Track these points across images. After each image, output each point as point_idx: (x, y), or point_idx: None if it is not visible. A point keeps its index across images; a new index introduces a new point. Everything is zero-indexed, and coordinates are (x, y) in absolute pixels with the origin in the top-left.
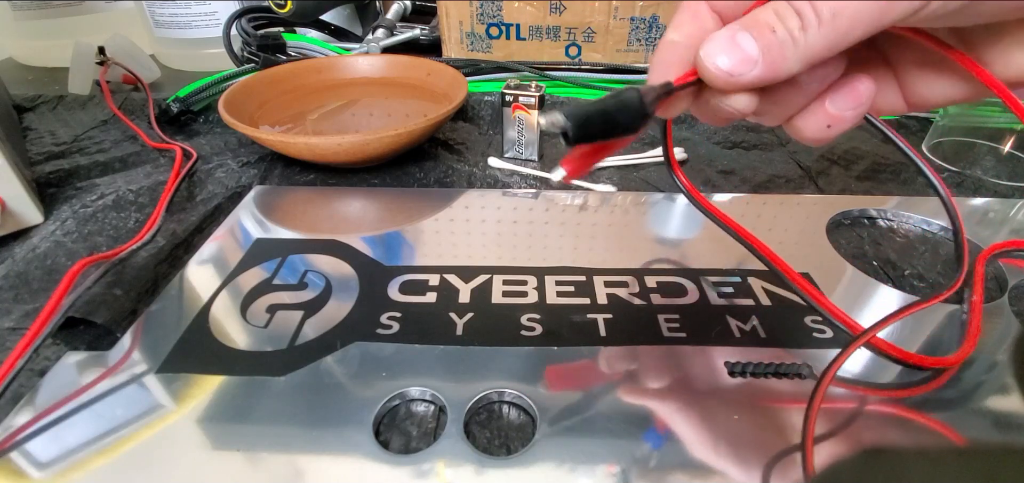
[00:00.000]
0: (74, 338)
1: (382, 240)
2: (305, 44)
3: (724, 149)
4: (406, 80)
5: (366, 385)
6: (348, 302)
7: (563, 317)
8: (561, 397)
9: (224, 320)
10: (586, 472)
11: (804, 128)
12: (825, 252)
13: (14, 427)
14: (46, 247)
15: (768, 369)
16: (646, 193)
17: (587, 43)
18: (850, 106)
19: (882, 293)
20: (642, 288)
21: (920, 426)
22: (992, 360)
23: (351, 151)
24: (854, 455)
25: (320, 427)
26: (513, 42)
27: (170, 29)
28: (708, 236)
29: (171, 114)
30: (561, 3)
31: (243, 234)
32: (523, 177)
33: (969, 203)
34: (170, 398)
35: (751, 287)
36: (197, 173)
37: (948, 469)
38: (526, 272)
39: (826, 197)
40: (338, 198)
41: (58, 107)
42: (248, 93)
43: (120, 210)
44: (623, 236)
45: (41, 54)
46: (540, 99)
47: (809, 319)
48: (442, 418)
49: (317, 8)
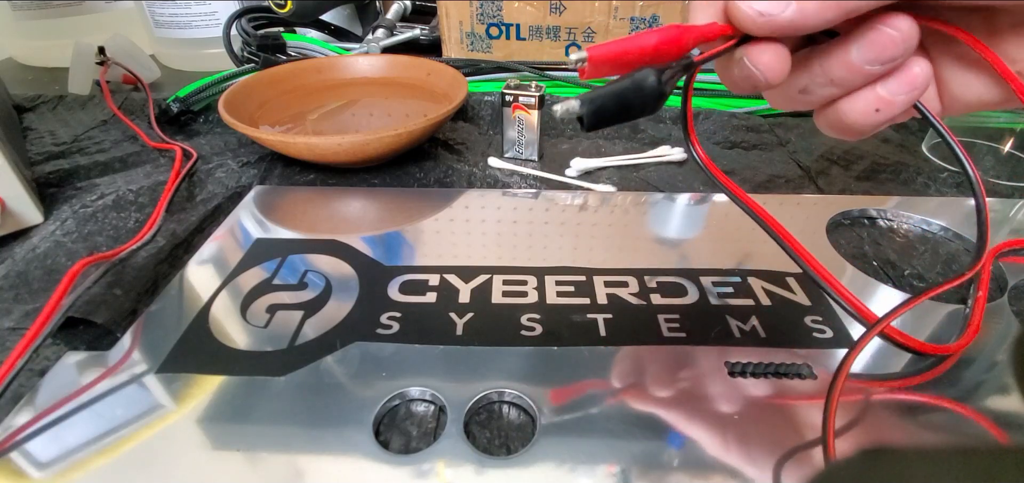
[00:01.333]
0: (74, 338)
1: (382, 240)
2: (305, 44)
3: (724, 149)
4: (406, 80)
5: (366, 385)
6: (348, 302)
7: (563, 317)
8: (562, 397)
9: (224, 320)
10: (586, 472)
11: (849, 112)
12: (825, 252)
13: (14, 427)
14: (46, 247)
15: (768, 369)
16: (646, 193)
17: (587, 43)
18: (904, 90)
19: (882, 293)
20: (642, 288)
21: (921, 421)
22: (992, 360)
23: (351, 151)
24: (854, 455)
25: (320, 427)
26: (513, 42)
27: (170, 29)
28: (708, 236)
29: (171, 114)
30: (561, 3)
31: (243, 234)
32: (523, 177)
33: (969, 203)
34: (170, 398)
35: (751, 287)
36: (197, 173)
37: (948, 469)
38: (526, 272)
39: (826, 197)
40: (338, 198)
41: (58, 107)
42: (248, 93)
43: (120, 210)
44: (623, 236)
45: (41, 54)
46: (540, 99)
47: (809, 319)
48: (442, 418)
49: (317, 8)
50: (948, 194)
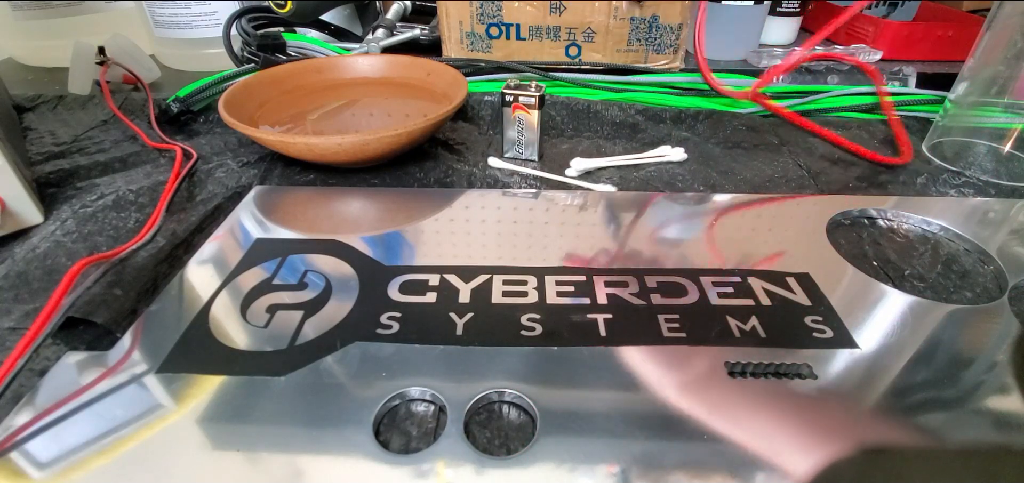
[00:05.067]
0: (74, 338)
1: (382, 240)
2: (305, 44)
3: (725, 149)
4: (406, 80)
5: (366, 385)
6: (348, 302)
7: (563, 317)
8: (561, 397)
9: (224, 320)
10: (586, 472)
11: None
12: (825, 252)
13: (14, 427)
14: (46, 247)
15: (768, 369)
16: (646, 193)
17: (587, 43)
18: None
19: (882, 293)
20: (642, 288)
21: (921, 422)
22: (992, 360)
23: (351, 151)
24: (854, 455)
25: (320, 427)
26: (513, 42)
27: (170, 29)
28: (708, 236)
29: (171, 114)
30: (561, 3)
31: (243, 234)
32: (523, 177)
33: (969, 203)
34: (170, 398)
35: (751, 287)
36: (197, 173)
37: (948, 469)
38: (526, 272)
39: (826, 197)
40: (338, 198)
41: (58, 107)
42: (248, 93)
43: (120, 210)
44: (623, 236)
45: (41, 54)
46: (540, 99)
47: (809, 319)
48: (442, 418)
49: (317, 8)
50: (948, 194)
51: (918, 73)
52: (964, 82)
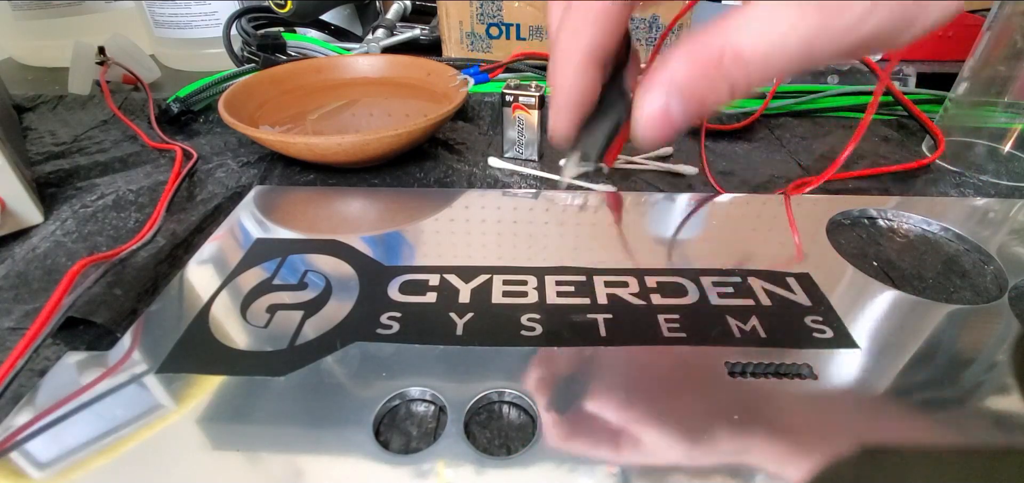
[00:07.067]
0: (74, 338)
1: (382, 240)
2: (305, 44)
3: (725, 148)
4: (406, 80)
5: (366, 385)
6: (348, 302)
7: (563, 317)
8: (561, 398)
9: (224, 320)
10: (586, 472)
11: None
12: (825, 252)
13: (14, 427)
14: (46, 247)
15: (768, 369)
16: (646, 193)
17: None
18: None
19: (882, 293)
20: (642, 288)
21: (921, 422)
22: (992, 360)
23: (351, 151)
24: (854, 455)
25: (320, 427)
26: (513, 42)
27: (170, 29)
28: (708, 236)
29: (171, 114)
30: None
31: (243, 234)
32: (523, 177)
33: (969, 203)
34: (170, 398)
35: (751, 287)
36: (197, 173)
37: (948, 469)
38: (526, 272)
39: (826, 197)
40: (338, 198)
41: (58, 107)
42: (248, 93)
43: (120, 210)
44: (623, 236)
45: (41, 54)
46: (540, 99)
47: (809, 319)
48: (442, 418)
49: (317, 8)
50: (948, 194)
51: (918, 73)
52: (964, 82)
